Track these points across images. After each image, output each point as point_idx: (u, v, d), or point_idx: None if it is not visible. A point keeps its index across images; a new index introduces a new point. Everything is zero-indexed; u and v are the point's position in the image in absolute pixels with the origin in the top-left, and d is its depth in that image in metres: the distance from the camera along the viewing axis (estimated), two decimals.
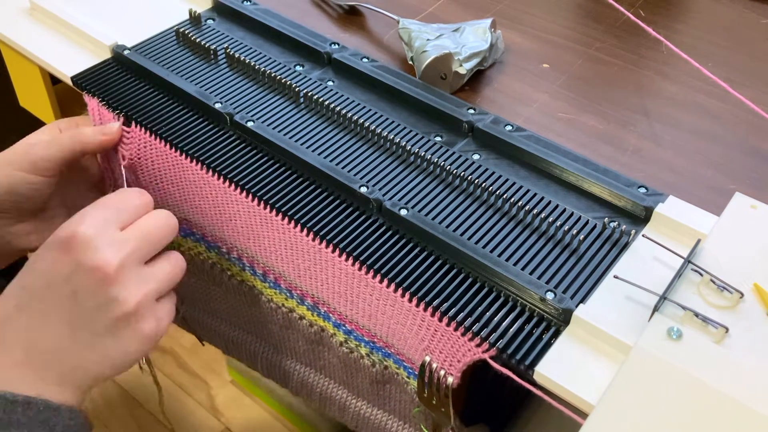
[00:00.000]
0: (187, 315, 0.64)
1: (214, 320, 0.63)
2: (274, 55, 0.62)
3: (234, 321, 0.61)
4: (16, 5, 0.67)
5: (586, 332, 0.42)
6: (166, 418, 1.14)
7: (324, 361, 0.55)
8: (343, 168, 0.52)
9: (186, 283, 0.61)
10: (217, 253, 0.56)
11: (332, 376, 0.56)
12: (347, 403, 0.57)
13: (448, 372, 0.43)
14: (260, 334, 0.59)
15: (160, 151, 0.54)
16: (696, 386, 0.38)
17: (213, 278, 0.58)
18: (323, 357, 0.55)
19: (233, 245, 0.53)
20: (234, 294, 0.58)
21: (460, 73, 0.58)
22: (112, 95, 0.58)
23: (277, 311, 0.55)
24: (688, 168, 0.53)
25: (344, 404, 0.57)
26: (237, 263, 0.55)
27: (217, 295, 0.60)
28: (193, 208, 0.54)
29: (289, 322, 0.55)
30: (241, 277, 0.56)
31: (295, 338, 0.56)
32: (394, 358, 0.49)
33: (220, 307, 0.61)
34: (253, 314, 0.58)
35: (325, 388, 0.57)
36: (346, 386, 0.56)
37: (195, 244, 0.57)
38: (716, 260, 0.44)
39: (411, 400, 0.50)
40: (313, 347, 0.55)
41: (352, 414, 0.57)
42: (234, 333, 0.62)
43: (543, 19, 0.69)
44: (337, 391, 0.57)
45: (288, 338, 0.57)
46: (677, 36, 0.67)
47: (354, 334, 0.50)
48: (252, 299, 0.56)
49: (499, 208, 0.49)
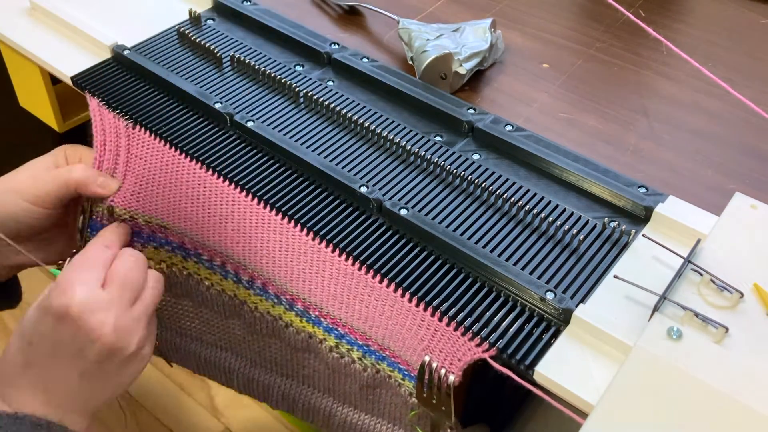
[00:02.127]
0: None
1: (183, 340, 0.62)
2: (274, 55, 0.62)
3: (206, 338, 0.60)
4: (16, 5, 0.67)
5: (586, 332, 0.42)
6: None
7: (308, 370, 0.55)
8: (343, 168, 0.52)
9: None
10: (195, 262, 0.55)
11: (316, 386, 0.56)
12: (333, 411, 0.56)
13: (449, 370, 0.43)
14: (236, 349, 0.59)
15: (152, 156, 0.53)
16: (696, 386, 0.38)
17: (186, 291, 0.58)
18: (308, 365, 0.55)
19: (218, 251, 0.53)
20: (210, 306, 0.57)
21: (460, 73, 0.58)
22: (112, 95, 0.58)
23: (261, 320, 0.54)
24: (688, 168, 0.53)
25: (330, 412, 0.56)
26: (219, 271, 0.54)
27: (187, 311, 0.59)
28: (179, 212, 0.53)
29: (274, 330, 0.54)
30: (221, 287, 0.55)
31: (277, 347, 0.55)
32: (388, 361, 0.48)
33: (191, 325, 0.60)
34: (230, 327, 0.57)
35: (308, 399, 0.57)
36: (331, 394, 0.55)
37: (169, 255, 0.56)
38: (716, 260, 0.44)
39: (404, 403, 0.50)
40: (298, 356, 0.54)
41: (338, 422, 0.56)
42: (206, 351, 0.61)
43: (543, 19, 0.69)
44: (321, 400, 0.56)
45: (269, 348, 0.56)
46: (677, 36, 0.67)
47: (347, 338, 0.50)
48: (232, 310, 0.56)
49: (499, 208, 0.49)
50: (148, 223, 0.55)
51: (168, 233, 0.55)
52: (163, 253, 0.56)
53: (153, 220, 0.54)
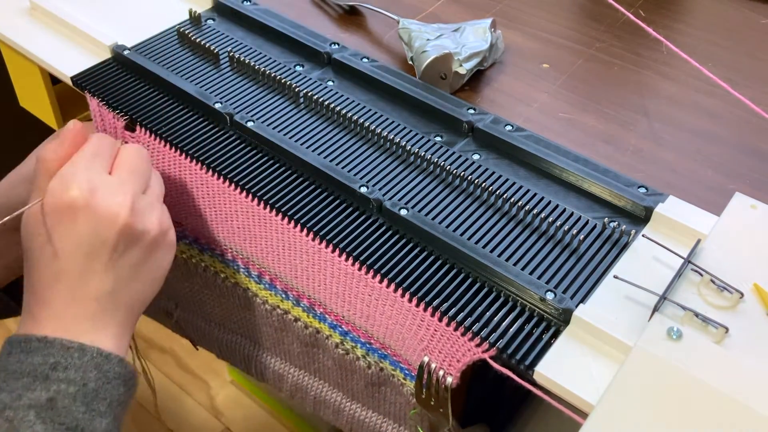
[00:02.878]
0: (181, 319, 0.64)
1: (207, 324, 0.63)
2: (274, 55, 0.62)
3: (227, 325, 0.61)
4: (16, 5, 0.67)
5: (586, 332, 0.42)
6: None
7: (318, 364, 0.55)
8: (343, 168, 0.52)
9: (180, 287, 0.61)
10: (210, 256, 0.56)
11: (327, 379, 0.56)
12: (342, 406, 0.56)
13: (447, 372, 0.43)
14: (254, 337, 0.59)
15: (158, 153, 0.54)
16: (696, 386, 0.38)
17: (206, 281, 0.58)
18: (318, 359, 0.55)
19: (228, 247, 0.53)
20: (228, 297, 0.58)
21: (460, 73, 0.58)
22: (112, 95, 0.58)
23: (272, 313, 0.55)
24: (688, 168, 0.53)
25: (339, 407, 0.57)
26: (231, 265, 0.55)
27: (210, 299, 0.60)
28: (189, 209, 0.54)
29: (284, 324, 0.55)
30: (235, 280, 0.55)
31: (289, 340, 0.56)
32: (390, 360, 0.49)
33: (214, 311, 0.61)
34: (247, 317, 0.58)
35: (320, 391, 0.57)
36: (340, 389, 0.56)
37: (187, 247, 0.57)
38: (716, 260, 0.44)
39: (406, 402, 0.50)
40: (308, 349, 0.55)
41: (347, 417, 0.56)
42: (227, 337, 0.62)
43: (543, 19, 0.69)
44: (331, 394, 0.57)
45: (282, 341, 0.56)
46: (677, 36, 0.67)
47: (350, 336, 0.50)
48: (246, 302, 0.56)
49: (499, 208, 0.49)
50: None
51: (184, 228, 0.55)
52: (182, 245, 0.57)
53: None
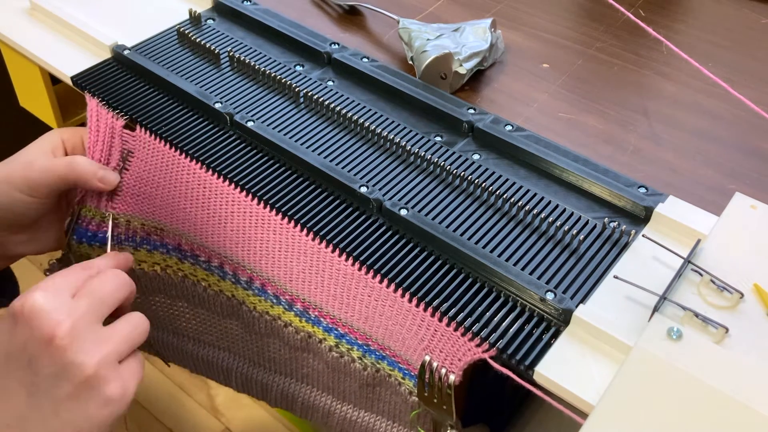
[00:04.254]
0: (150, 337, 0.63)
1: (179, 340, 0.62)
2: (274, 55, 0.62)
3: (203, 338, 0.60)
4: (16, 5, 0.67)
5: (586, 332, 0.42)
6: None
7: (308, 369, 0.55)
8: (343, 168, 0.52)
9: (150, 303, 0.60)
10: (191, 264, 0.55)
11: (316, 384, 0.56)
12: (332, 409, 0.56)
13: (450, 370, 0.43)
14: (234, 348, 0.58)
15: (158, 153, 0.54)
16: (696, 386, 0.38)
17: (182, 293, 0.57)
18: (307, 364, 0.55)
19: (216, 252, 0.53)
20: (207, 307, 0.57)
21: (460, 73, 0.58)
22: (112, 95, 0.58)
23: (259, 320, 0.54)
24: (688, 168, 0.53)
25: (328, 410, 0.56)
26: (217, 272, 0.54)
27: (185, 311, 0.59)
28: (180, 213, 0.53)
29: (272, 330, 0.54)
30: (218, 288, 0.55)
31: (276, 347, 0.55)
32: (388, 360, 0.49)
33: (188, 325, 0.60)
34: (228, 327, 0.57)
35: (308, 397, 0.57)
36: (330, 392, 0.55)
37: (163, 257, 0.56)
38: (716, 260, 0.44)
39: (403, 401, 0.50)
40: (297, 354, 0.54)
41: (337, 419, 0.56)
42: (203, 351, 0.61)
43: (543, 19, 0.69)
44: (320, 398, 0.56)
45: (268, 348, 0.56)
46: (677, 36, 0.67)
47: (347, 338, 0.50)
48: (230, 310, 0.56)
49: (499, 208, 0.49)
50: (144, 225, 0.55)
51: (164, 236, 0.55)
52: (157, 256, 0.56)
53: (149, 222, 0.54)
